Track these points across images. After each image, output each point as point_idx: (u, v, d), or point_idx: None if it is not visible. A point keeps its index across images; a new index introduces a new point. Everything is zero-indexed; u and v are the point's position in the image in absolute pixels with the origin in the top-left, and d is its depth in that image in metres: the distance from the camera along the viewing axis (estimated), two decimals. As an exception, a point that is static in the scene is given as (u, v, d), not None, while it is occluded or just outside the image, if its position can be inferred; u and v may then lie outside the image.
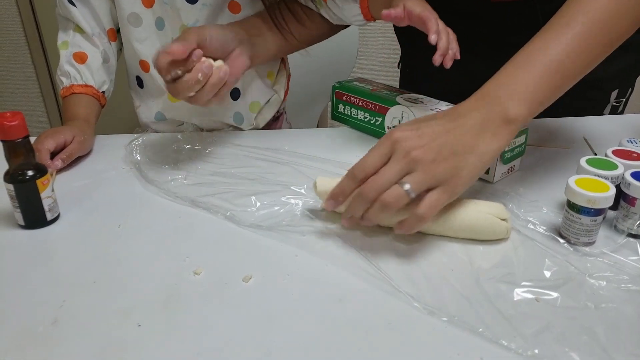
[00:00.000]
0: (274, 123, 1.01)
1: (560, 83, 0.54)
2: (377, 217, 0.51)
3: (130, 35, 0.83)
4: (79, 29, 0.83)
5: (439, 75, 0.95)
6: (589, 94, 0.89)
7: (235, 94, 0.88)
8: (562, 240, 0.55)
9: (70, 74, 0.82)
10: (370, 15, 0.79)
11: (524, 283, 0.49)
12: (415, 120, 0.54)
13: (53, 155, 0.70)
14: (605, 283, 0.49)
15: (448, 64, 0.66)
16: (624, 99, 0.93)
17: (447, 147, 0.50)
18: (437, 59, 0.65)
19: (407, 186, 0.49)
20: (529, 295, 0.48)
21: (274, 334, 0.44)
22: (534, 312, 0.46)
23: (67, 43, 0.83)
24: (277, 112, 0.97)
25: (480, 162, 0.51)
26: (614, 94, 0.91)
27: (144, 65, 0.86)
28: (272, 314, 0.46)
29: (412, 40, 1.01)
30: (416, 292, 0.48)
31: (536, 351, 0.42)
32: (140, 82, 0.89)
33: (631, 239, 0.55)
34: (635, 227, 0.55)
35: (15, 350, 0.42)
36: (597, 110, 0.92)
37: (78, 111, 0.80)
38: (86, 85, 0.82)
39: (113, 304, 0.47)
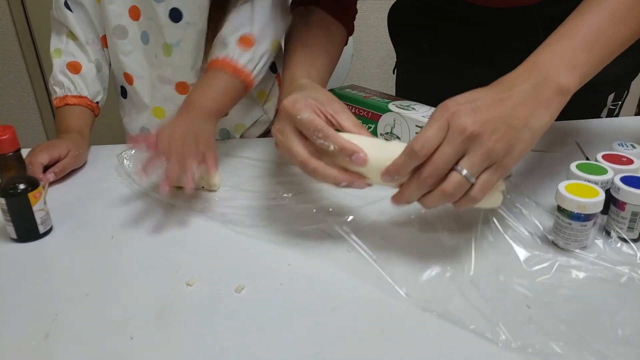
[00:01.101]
0: (266, 135, 1.00)
1: (603, 53, 0.53)
2: (437, 204, 0.50)
3: (115, 47, 0.83)
4: (72, 36, 0.83)
5: (437, 80, 0.95)
6: (586, 98, 0.89)
7: None
8: (551, 240, 0.56)
9: (64, 84, 0.81)
10: None
11: (513, 281, 0.50)
12: (468, 93, 0.51)
13: (46, 169, 0.70)
14: (587, 277, 0.51)
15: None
16: (620, 102, 0.94)
17: (502, 122, 0.48)
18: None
19: (464, 172, 0.47)
20: (518, 295, 0.49)
21: (267, 344, 0.44)
22: (520, 307, 0.47)
23: (61, 51, 0.83)
24: (267, 129, 0.97)
25: (532, 138, 0.49)
26: (611, 97, 0.91)
27: (127, 78, 0.86)
28: (265, 324, 0.46)
29: (408, 46, 1.01)
30: (407, 286, 0.49)
31: (519, 343, 0.43)
32: (124, 93, 0.89)
33: (620, 243, 0.55)
34: (624, 231, 0.55)
35: (7, 366, 0.42)
36: (594, 114, 0.92)
37: (72, 123, 0.79)
38: (80, 97, 0.82)
39: (106, 316, 0.47)
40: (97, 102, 0.84)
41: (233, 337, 0.45)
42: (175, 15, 0.78)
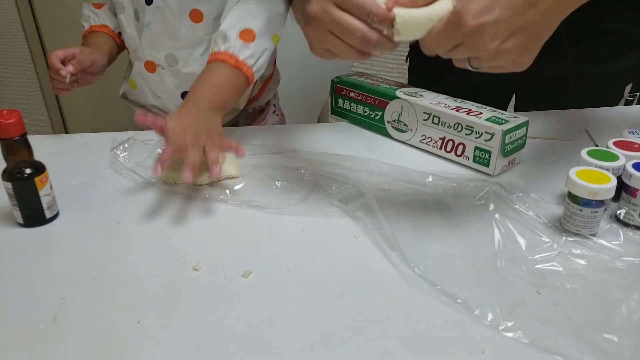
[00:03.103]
0: (258, 115, 1.00)
1: None
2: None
3: (119, 20, 0.88)
4: None
5: (452, 69, 0.93)
6: (603, 89, 0.88)
7: None
8: (561, 227, 0.55)
9: (89, 17, 0.90)
10: None
11: (512, 266, 0.50)
12: None
13: None
14: (592, 266, 0.50)
15: None
16: (639, 93, 0.93)
17: (526, 38, 0.44)
18: None
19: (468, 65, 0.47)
20: (515, 279, 0.49)
21: (273, 329, 0.44)
22: (513, 288, 0.47)
23: None
24: (234, 118, 0.97)
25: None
26: (628, 88, 0.90)
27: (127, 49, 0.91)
28: (271, 310, 0.46)
29: None
30: (417, 264, 0.50)
31: (509, 324, 0.43)
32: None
33: (629, 230, 0.55)
34: (637, 218, 0.54)
35: (15, 348, 0.42)
36: (611, 104, 0.91)
37: (92, 42, 0.86)
38: (103, 25, 0.89)
39: (113, 300, 0.47)
40: (119, 33, 0.90)
41: (239, 322, 0.45)
42: None
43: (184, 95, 0.89)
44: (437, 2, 0.46)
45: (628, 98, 0.92)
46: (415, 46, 1.11)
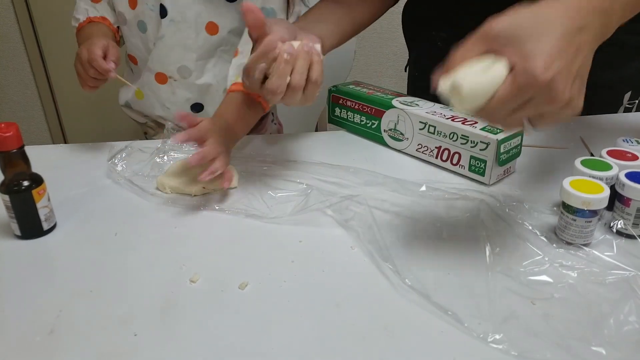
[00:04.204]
0: (258, 124, 1.01)
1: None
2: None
3: (122, 30, 0.89)
4: None
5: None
6: (601, 96, 0.89)
7: (198, 108, 0.91)
8: (556, 236, 0.55)
9: (88, 10, 0.87)
10: None
11: (504, 277, 0.50)
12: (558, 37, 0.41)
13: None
14: (583, 278, 0.50)
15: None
16: (637, 101, 0.93)
17: (581, 81, 0.44)
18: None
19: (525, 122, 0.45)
20: (501, 285, 0.49)
21: (271, 340, 0.44)
22: (503, 300, 0.47)
23: None
24: None
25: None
26: (627, 96, 0.91)
27: (131, 59, 0.92)
28: (268, 321, 0.46)
29: (421, 44, 1.00)
30: (409, 277, 0.50)
31: (497, 336, 0.43)
32: (131, 65, 0.95)
33: (623, 240, 0.55)
34: (630, 227, 0.55)
35: (12, 361, 0.42)
36: (610, 112, 0.92)
37: (94, 31, 0.84)
38: (103, 17, 0.87)
39: (110, 313, 0.47)
40: (118, 28, 0.89)
41: (237, 333, 0.45)
42: (162, 10, 0.82)
43: (193, 107, 0.91)
44: (492, 65, 0.43)
45: (627, 105, 0.92)
46: (414, 55, 1.10)
